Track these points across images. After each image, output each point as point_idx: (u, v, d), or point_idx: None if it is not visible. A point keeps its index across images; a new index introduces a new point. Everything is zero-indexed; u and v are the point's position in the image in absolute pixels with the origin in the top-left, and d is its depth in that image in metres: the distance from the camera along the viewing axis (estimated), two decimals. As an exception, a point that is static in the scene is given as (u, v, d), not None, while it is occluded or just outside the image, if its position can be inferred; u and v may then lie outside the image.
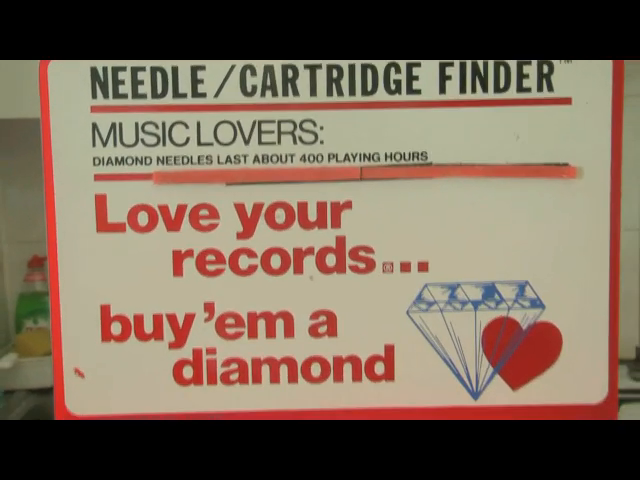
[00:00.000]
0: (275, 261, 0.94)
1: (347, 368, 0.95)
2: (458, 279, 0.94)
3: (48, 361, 0.96)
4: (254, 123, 0.92)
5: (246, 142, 0.92)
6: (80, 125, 0.92)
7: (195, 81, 0.92)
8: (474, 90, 0.92)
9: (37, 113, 0.93)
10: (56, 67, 0.92)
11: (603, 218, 0.94)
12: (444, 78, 0.92)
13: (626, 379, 1.89)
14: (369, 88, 0.92)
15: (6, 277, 2.11)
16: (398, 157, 0.93)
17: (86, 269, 0.94)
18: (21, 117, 1.34)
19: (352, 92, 0.92)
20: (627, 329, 1.00)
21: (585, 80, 0.93)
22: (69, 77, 0.92)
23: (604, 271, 0.94)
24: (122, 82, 0.92)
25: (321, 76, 0.92)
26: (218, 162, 0.93)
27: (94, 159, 0.93)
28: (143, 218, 0.93)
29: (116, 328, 0.94)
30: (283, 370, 0.95)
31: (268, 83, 0.92)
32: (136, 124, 0.92)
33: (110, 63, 0.92)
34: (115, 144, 0.92)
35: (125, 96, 0.92)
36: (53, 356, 0.95)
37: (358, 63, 0.92)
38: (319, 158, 0.93)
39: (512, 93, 0.92)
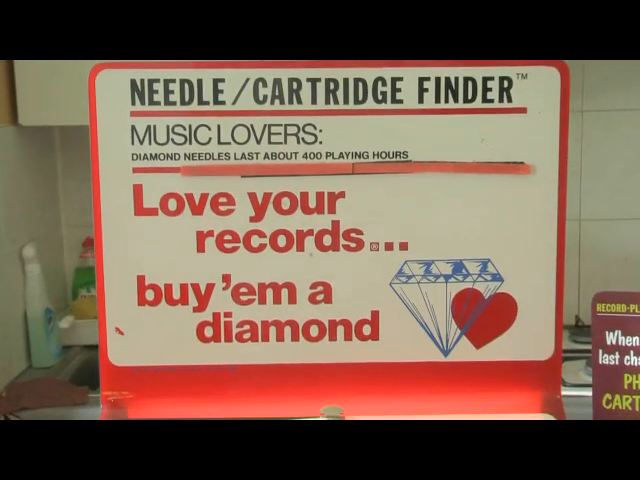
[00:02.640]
0: (281, 240, 0.91)
1: (340, 330, 0.92)
2: (432, 257, 0.91)
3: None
4: (265, 126, 0.90)
5: (258, 142, 0.90)
6: (121, 127, 0.90)
7: (216, 91, 0.89)
8: (447, 100, 0.90)
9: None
10: (102, 78, 0.89)
11: (552, 207, 0.91)
12: (422, 90, 0.89)
13: (568, 341, 1.86)
14: (360, 98, 0.89)
15: (65, 254, 2.09)
16: (384, 155, 0.90)
17: (125, 246, 0.91)
18: (78, 124, 1.32)
19: (346, 101, 0.89)
20: (568, 301, 0.98)
21: (538, 93, 0.90)
22: (113, 87, 0.89)
23: (552, 251, 0.92)
24: (156, 91, 0.89)
25: (320, 88, 0.89)
26: (235, 158, 0.90)
27: (132, 155, 0.90)
28: (172, 204, 0.90)
29: (149, 295, 0.92)
30: (287, 331, 0.92)
31: (277, 93, 0.89)
32: (167, 126, 0.90)
33: (146, 75, 0.89)
34: (150, 143, 0.90)
35: (159, 103, 0.90)
36: (98, 317, 0.93)
37: (351, 77, 0.89)
38: (318, 155, 0.90)
39: (478, 103, 0.90)
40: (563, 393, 0.94)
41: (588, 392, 1.00)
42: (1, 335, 1.72)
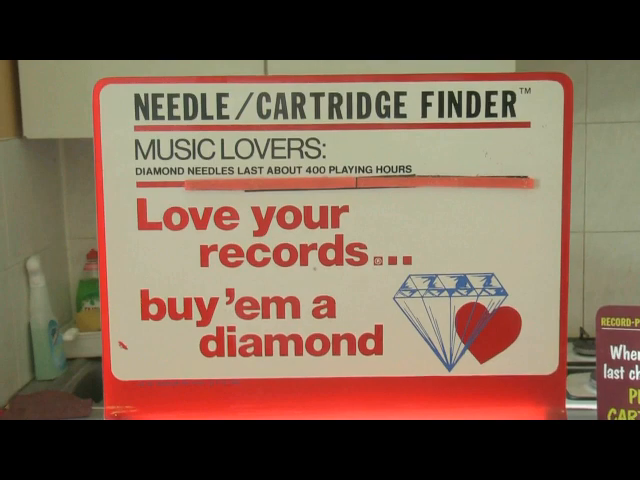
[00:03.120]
0: (285, 255, 0.91)
1: (344, 344, 0.92)
2: (436, 271, 0.91)
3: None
4: (268, 141, 0.90)
5: (261, 156, 0.90)
6: (125, 141, 0.90)
7: (220, 106, 0.89)
8: (450, 115, 0.89)
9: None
10: (107, 92, 0.89)
11: (556, 221, 0.91)
12: (425, 104, 0.89)
13: (572, 354, 1.86)
14: (364, 112, 0.89)
15: (69, 266, 2.09)
16: (387, 169, 0.90)
17: (129, 260, 0.91)
18: (82, 137, 1.32)
19: (349, 115, 0.89)
20: (572, 313, 0.97)
21: (541, 107, 0.90)
22: (117, 101, 0.89)
23: (556, 265, 0.92)
24: (160, 106, 0.89)
25: (324, 102, 0.89)
26: (238, 172, 0.90)
27: (136, 169, 0.90)
28: (176, 218, 0.90)
29: (153, 309, 0.91)
30: (291, 345, 0.92)
31: (280, 107, 0.89)
32: (171, 141, 0.90)
33: (150, 90, 0.89)
34: (154, 157, 0.90)
35: (162, 117, 0.90)
36: (101, 331, 0.92)
37: (355, 91, 0.89)
38: (322, 170, 0.90)
39: (481, 117, 0.90)
40: (567, 406, 0.93)
41: (593, 405, 1.00)
42: (5, 347, 1.72)
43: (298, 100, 0.89)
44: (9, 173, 1.77)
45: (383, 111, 0.89)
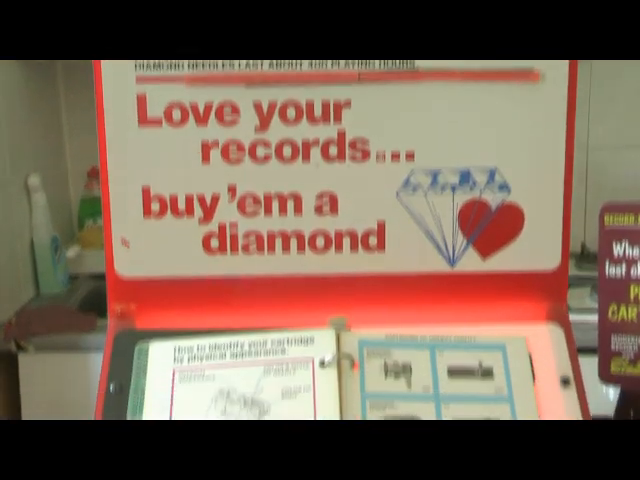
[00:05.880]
0: (287, 151, 0.90)
1: (346, 241, 0.92)
2: (439, 165, 0.90)
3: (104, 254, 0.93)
4: (269, 34, 0.87)
5: (263, 50, 0.88)
6: (124, 36, 0.88)
7: (220, -2, 0.87)
8: (455, 6, 0.87)
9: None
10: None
11: (560, 117, 0.90)
12: (430, -4, 0.87)
13: (573, 269, 1.86)
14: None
15: (70, 185, 2.09)
16: (390, 64, 0.88)
17: (130, 157, 0.90)
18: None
19: (352, 7, 0.87)
20: (574, 229, 0.96)
21: None
22: None
23: (560, 161, 0.91)
24: None
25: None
26: (239, 67, 0.88)
27: (135, 64, 0.88)
28: (177, 114, 0.89)
29: (155, 206, 0.91)
30: (293, 242, 0.92)
31: (281, 0, 0.87)
32: (170, 34, 0.88)
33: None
34: (153, 52, 0.88)
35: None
36: (104, 229, 0.92)
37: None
38: (324, 64, 0.88)
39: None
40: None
41: (593, 317, 1.00)
42: (9, 263, 1.73)
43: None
44: (8, 93, 1.75)
45: (386, 2, 0.87)
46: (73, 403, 1.60)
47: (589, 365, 0.91)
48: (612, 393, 1.09)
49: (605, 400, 1.07)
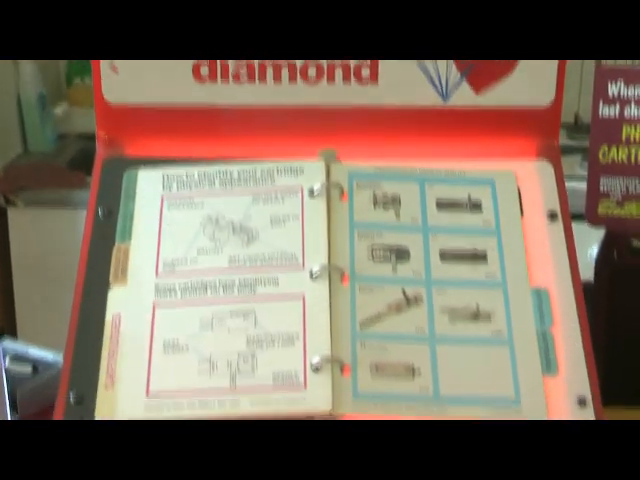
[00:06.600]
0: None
1: (338, 72, 0.90)
2: None
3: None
4: None
5: None
6: None
7: None
8: None
9: None
10: None
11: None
12: None
13: (565, 139, 1.86)
14: None
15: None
16: None
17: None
18: None
19: None
20: (567, 98, 0.94)
21: None
22: None
23: None
24: None
25: None
26: None
27: None
28: None
29: (144, 30, 0.88)
30: (284, 72, 0.90)
31: None
32: None
33: None
34: None
35: None
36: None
37: None
38: None
39: None
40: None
41: (582, 184, 1.00)
42: (-5, 117, 1.71)
43: None
44: None
45: None
46: (62, 257, 1.61)
47: (575, 230, 0.89)
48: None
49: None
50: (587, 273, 1.03)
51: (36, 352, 1.10)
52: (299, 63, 0.90)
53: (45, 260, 1.66)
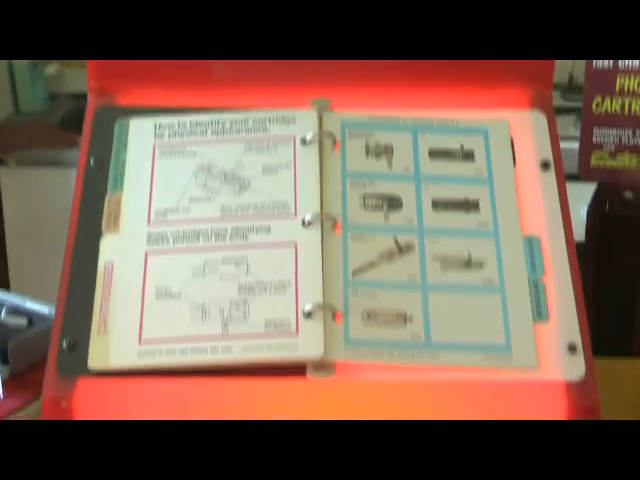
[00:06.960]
0: None
1: (331, 20, 0.89)
2: None
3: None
4: None
5: None
6: None
7: None
8: None
9: None
10: None
11: None
12: None
13: (559, 99, 1.85)
14: None
15: None
16: None
17: None
18: None
19: None
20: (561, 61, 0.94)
21: None
22: None
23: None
24: None
25: None
26: None
27: None
28: None
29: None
30: (277, 20, 0.89)
31: None
32: None
33: None
34: None
35: None
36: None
37: None
38: None
39: None
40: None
41: (574, 144, 1.00)
42: (-15, 74, 1.69)
43: None
44: None
45: None
46: (54, 216, 1.61)
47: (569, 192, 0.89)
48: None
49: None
50: (578, 232, 1.03)
51: (32, 305, 1.10)
52: (292, 11, 0.89)
53: (37, 219, 1.66)
